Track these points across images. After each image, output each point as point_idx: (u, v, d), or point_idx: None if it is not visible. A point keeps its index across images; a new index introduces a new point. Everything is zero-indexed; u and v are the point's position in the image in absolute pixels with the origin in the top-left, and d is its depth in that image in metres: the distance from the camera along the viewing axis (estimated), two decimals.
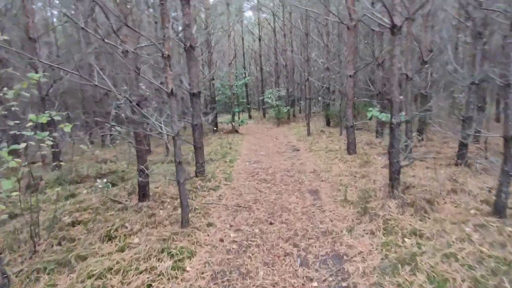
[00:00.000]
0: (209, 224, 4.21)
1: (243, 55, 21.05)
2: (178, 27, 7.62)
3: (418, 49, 7.99)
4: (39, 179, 6.07)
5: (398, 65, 3.83)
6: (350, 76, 6.60)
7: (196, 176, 6.00)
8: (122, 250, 3.44)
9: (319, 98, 10.55)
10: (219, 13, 14.33)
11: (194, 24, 5.61)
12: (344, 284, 2.83)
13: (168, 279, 2.93)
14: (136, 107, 4.12)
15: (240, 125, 13.34)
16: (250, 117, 21.49)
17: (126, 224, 4.08)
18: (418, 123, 8.55)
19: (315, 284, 2.87)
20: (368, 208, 4.18)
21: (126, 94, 4.40)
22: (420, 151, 7.05)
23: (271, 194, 5.39)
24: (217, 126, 13.54)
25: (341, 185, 5.39)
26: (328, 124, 12.62)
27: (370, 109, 7.32)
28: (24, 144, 3.01)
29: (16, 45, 9.48)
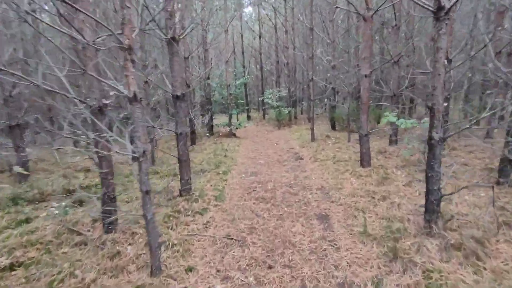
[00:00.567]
0: (189, 269, 3.20)
1: (243, 53, 20.01)
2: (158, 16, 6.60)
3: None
4: None
5: (443, 61, 2.81)
6: (366, 76, 5.57)
7: (181, 195, 4.98)
8: None
9: (325, 100, 9.54)
10: (216, 9, 13.30)
11: (178, 12, 4.58)
12: None
13: None
14: (91, 116, 3.10)
15: (238, 128, 12.33)
16: (249, 118, 20.48)
17: (77, 272, 3.07)
18: None
19: None
20: (399, 250, 3.17)
21: (83, 97, 3.38)
22: (450, 165, 6.02)
23: (271, 220, 4.38)
24: (213, 129, 12.52)
25: (357, 210, 4.37)
26: (334, 128, 11.59)
27: (386, 114, 6.33)
28: None
29: None
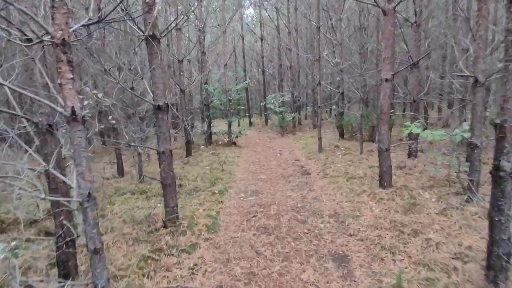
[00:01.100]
0: None
1: (244, 57, 19.21)
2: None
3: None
4: None
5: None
6: (387, 81, 4.68)
7: (165, 227, 4.10)
8: None
9: (333, 107, 8.67)
10: (213, 10, 12.52)
11: (159, 4, 3.74)
12: None
13: None
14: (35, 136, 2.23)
15: (238, 136, 11.47)
16: (251, 124, 19.63)
17: None
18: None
19: None
20: None
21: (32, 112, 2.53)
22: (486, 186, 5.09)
23: (274, 261, 3.49)
24: (211, 138, 11.66)
25: (383, 249, 3.47)
26: (342, 136, 10.68)
27: (407, 124, 5.44)
28: None
29: None
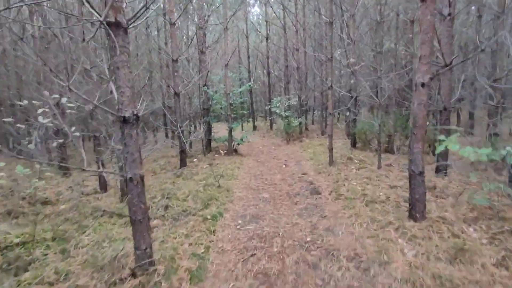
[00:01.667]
0: None
1: (248, 57, 18.25)
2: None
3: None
4: None
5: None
6: (423, 85, 3.66)
7: (133, 276, 3.13)
8: None
9: (347, 113, 7.64)
10: (215, 8, 11.61)
11: None
12: None
13: None
14: None
15: (240, 144, 10.49)
16: (255, 128, 18.66)
17: None
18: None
19: None
20: None
21: None
22: None
23: None
24: (211, 145, 10.69)
25: None
26: (354, 145, 9.64)
27: (442, 138, 4.40)
28: None
29: None
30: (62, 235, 4.40)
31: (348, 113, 7.58)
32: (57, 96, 3.93)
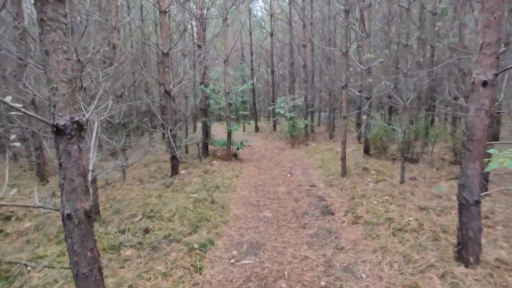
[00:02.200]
0: None
1: (251, 54, 17.23)
2: None
3: None
4: None
5: None
6: (485, 84, 2.66)
7: None
8: None
9: (363, 117, 6.66)
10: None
11: None
12: None
13: None
14: None
15: (240, 148, 9.51)
16: (257, 130, 17.67)
17: None
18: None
19: None
20: None
21: None
22: None
23: None
24: (208, 149, 9.72)
25: None
26: (367, 152, 8.62)
27: (494, 151, 3.39)
28: None
29: None
30: (6, 272, 3.46)
31: (364, 117, 6.61)
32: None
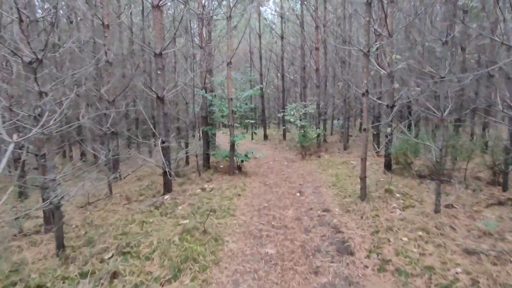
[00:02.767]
0: None
1: (260, 58, 16.38)
2: None
3: None
4: None
5: None
6: None
7: None
8: None
9: (388, 129, 5.66)
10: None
11: None
12: None
13: None
14: None
15: (245, 161, 8.58)
16: (266, 138, 16.71)
17: None
18: None
19: None
20: None
21: None
22: None
23: None
24: (209, 161, 8.81)
25: None
26: (389, 168, 7.53)
27: None
28: None
29: None
30: None
31: (388, 129, 5.60)
32: None
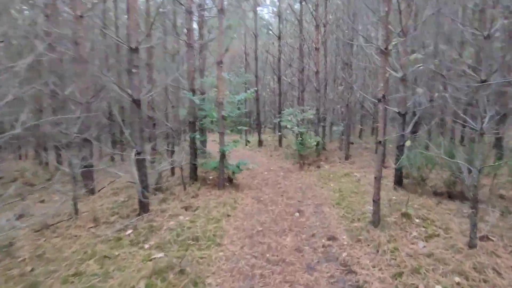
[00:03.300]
0: None
1: (256, 59, 15.51)
2: None
3: None
4: None
5: None
6: None
7: None
8: None
9: (408, 142, 4.85)
10: None
11: None
12: None
13: None
14: None
15: (237, 173, 7.63)
16: (261, 144, 15.79)
17: None
18: None
19: None
20: None
21: None
22: None
23: None
24: (196, 173, 7.83)
25: None
26: (400, 184, 6.65)
27: None
28: None
29: None
30: None
31: (408, 142, 4.78)
32: None
